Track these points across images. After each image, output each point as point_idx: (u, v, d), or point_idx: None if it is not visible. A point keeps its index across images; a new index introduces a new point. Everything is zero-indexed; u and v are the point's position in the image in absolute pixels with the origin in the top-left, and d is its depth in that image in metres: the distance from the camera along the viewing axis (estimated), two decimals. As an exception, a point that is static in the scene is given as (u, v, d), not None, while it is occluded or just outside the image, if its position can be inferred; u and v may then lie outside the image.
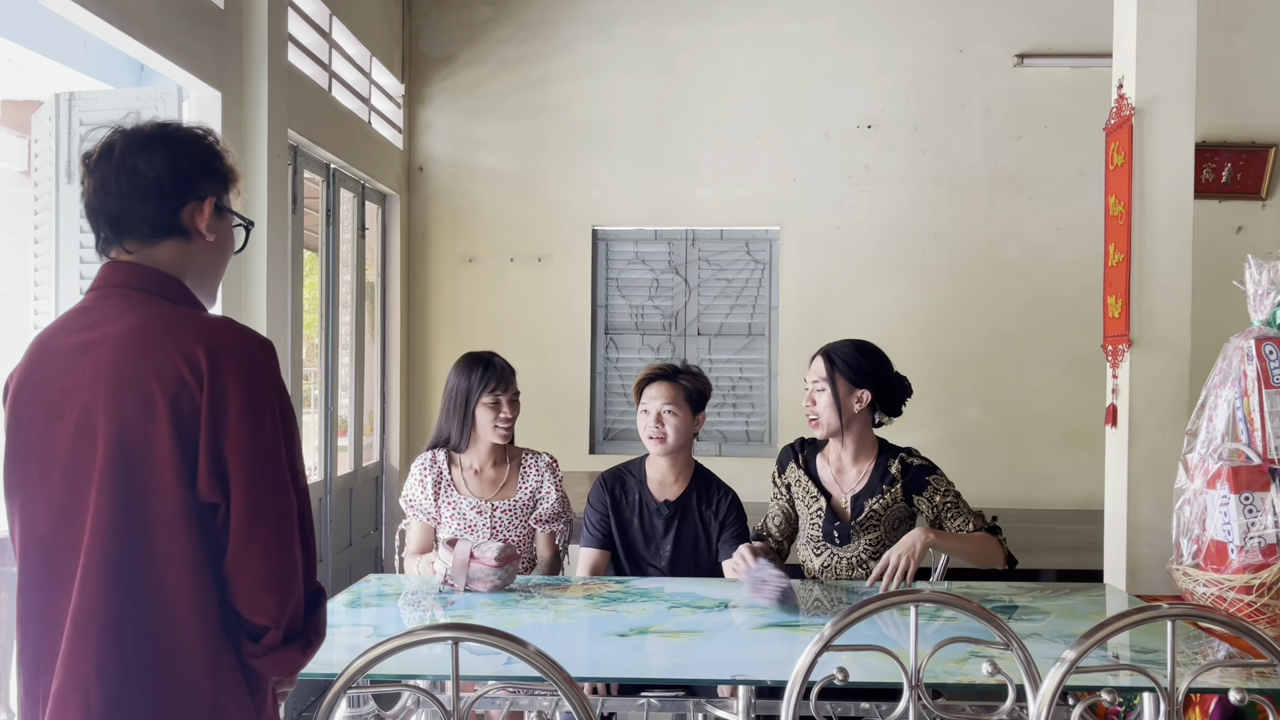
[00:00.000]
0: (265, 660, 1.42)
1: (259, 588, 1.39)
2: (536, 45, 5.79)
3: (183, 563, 1.37)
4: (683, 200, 5.75)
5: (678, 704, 2.51)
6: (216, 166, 1.52)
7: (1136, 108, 3.15)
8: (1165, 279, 3.15)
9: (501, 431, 2.94)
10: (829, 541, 2.78)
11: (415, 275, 5.87)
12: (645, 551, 2.95)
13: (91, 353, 1.41)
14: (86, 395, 1.39)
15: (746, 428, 5.82)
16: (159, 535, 1.37)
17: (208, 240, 1.51)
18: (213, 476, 1.37)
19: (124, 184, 1.46)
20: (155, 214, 1.47)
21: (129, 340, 1.39)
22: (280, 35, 3.82)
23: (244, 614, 1.40)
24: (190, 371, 1.37)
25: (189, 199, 1.48)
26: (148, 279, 1.46)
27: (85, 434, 1.38)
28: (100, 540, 1.36)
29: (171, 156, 1.48)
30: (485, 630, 1.52)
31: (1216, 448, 2.58)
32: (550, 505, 2.97)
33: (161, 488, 1.36)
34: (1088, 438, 5.08)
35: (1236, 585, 2.45)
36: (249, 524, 1.38)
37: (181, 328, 1.41)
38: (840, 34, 5.69)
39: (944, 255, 5.66)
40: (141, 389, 1.37)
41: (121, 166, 1.46)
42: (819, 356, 2.81)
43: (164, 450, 1.36)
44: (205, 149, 1.52)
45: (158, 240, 1.48)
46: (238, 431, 1.37)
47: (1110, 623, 1.61)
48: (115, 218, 1.47)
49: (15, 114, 4.27)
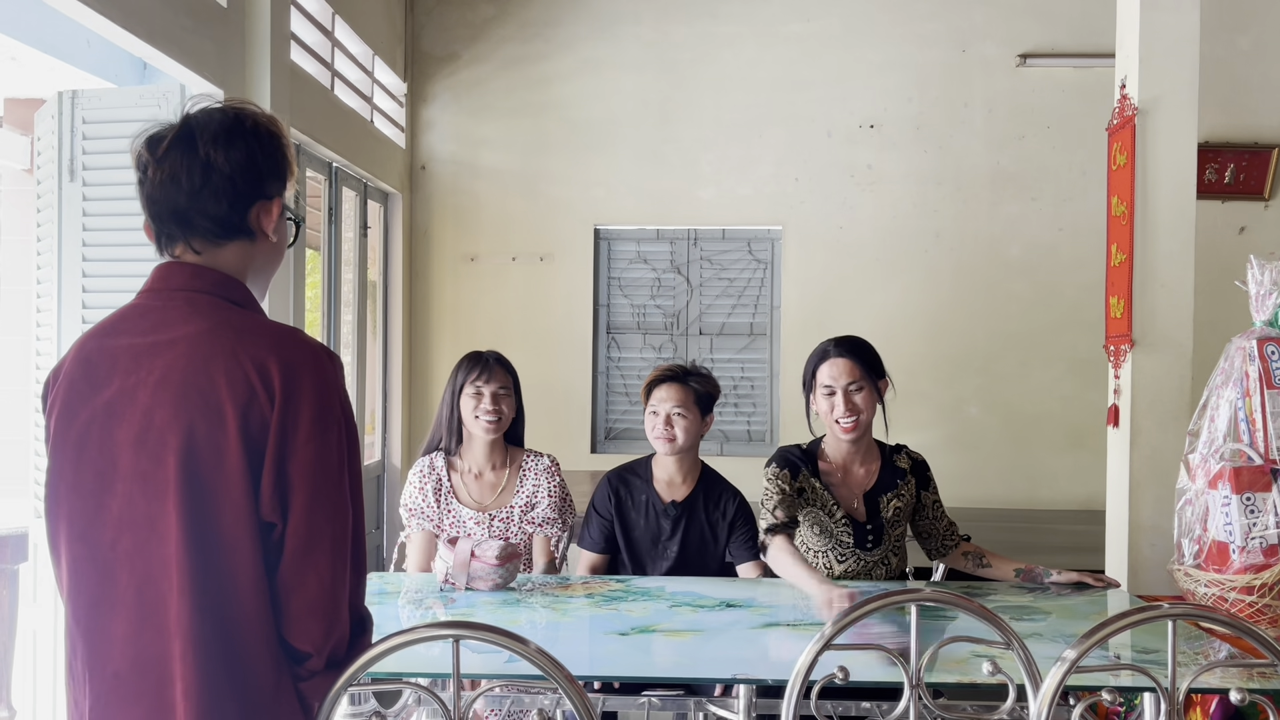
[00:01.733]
0: (307, 685, 1.40)
1: (307, 613, 1.36)
2: (539, 44, 5.79)
3: (251, 580, 1.33)
4: (685, 199, 5.75)
5: (678, 703, 2.51)
6: (284, 163, 1.47)
7: (1139, 108, 3.14)
8: (1168, 279, 3.15)
9: (484, 424, 2.87)
10: (861, 549, 2.74)
11: (417, 274, 5.87)
12: (651, 553, 2.94)
13: (157, 357, 1.35)
14: (149, 400, 1.33)
15: (748, 427, 5.82)
16: (229, 551, 1.32)
17: (271, 241, 1.47)
18: (275, 495, 1.33)
19: (197, 179, 1.39)
20: (227, 213, 1.41)
21: (198, 346, 1.34)
22: (283, 34, 3.82)
23: (288, 637, 1.37)
24: (262, 383, 1.33)
25: (258, 199, 1.43)
26: (213, 282, 1.41)
27: (150, 441, 1.33)
28: (176, 555, 1.31)
29: (248, 153, 1.41)
30: (486, 628, 1.52)
31: (1218, 448, 2.58)
32: (545, 508, 2.92)
33: (231, 502, 1.32)
34: (1090, 438, 5.08)
35: (1238, 586, 2.45)
36: (306, 546, 1.34)
37: (253, 337, 1.36)
38: (843, 33, 5.69)
39: (946, 255, 5.66)
40: (211, 398, 1.32)
41: (196, 159, 1.39)
42: (844, 357, 2.71)
43: (234, 464, 1.32)
44: (277, 145, 1.46)
45: (225, 241, 1.42)
46: (305, 450, 1.33)
47: (1111, 623, 1.60)
48: (183, 213, 1.40)
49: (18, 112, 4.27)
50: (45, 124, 3.38)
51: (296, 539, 1.34)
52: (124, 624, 1.34)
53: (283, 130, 1.49)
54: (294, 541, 1.34)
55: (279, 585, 1.35)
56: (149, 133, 1.43)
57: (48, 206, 3.35)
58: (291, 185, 1.50)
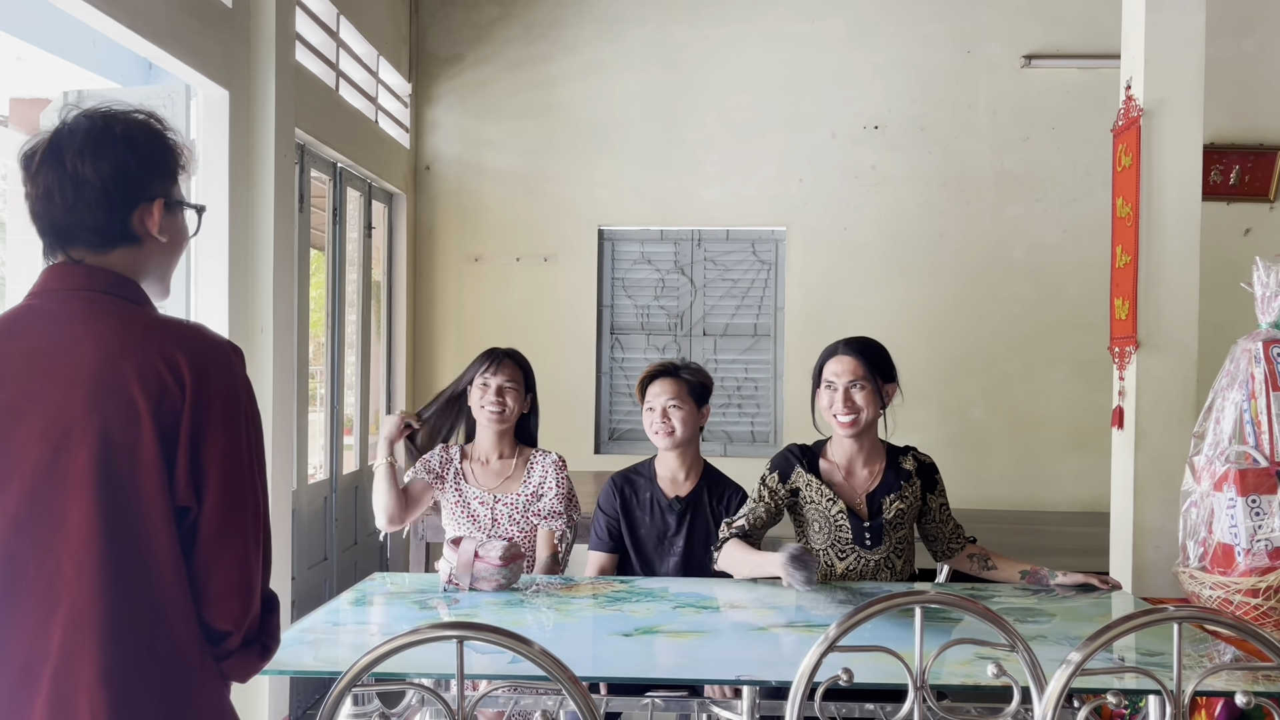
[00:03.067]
0: (226, 664, 1.43)
1: (225, 592, 1.39)
2: (543, 45, 5.80)
3: (169, 565, 1.37)
4: (689, 200, 5.75)
5: (682, 704, 2.51)
6: (163, 161, 1.46)
7: (1144, 109, 3.14)
8: (1172, 281, 3.14)
9: (488, 414, 2.95)
10: (858, 544, 2.75)
11: (421, 274, 5.88)
12: (657, 549, 2.95)
13: (60, 355, 1.36)
14: (57, 398, 1.35)
15: (752, 428, 5.82)
16: (145, 539, 1.36)
17: (160, 241, 1.46)
18: (190, 480, 1.37)
19: (70, 194, 1.39)
20: (105, 223, 1.41)
21: (105, 343, 1.36)
22: (288, 34, 3.82)
23: (207, 618, 1.40)
24: (173, 377, 1.36)
25: (138, 203, 1.43)
26: (109, 282, 1.42)
27: (57, 439, 1.34)
28: (89, 546, 1.34)
29: (117, 160, 1.40)
30: (490, 629, 1.52)
31: (1223, 450, 2.57)
32: (551, 500, 2.97)
33: (147, 491, 1.35)
34: (1094, 440, 5.08)
35: (1243, 588, 2.45)
36: (221, 528, 1.38)
37: (159, 332, 1.39)
38: (847, 35, 5.69)
39: (950, 256, 5.65)
40: (124, 393, 1.34)
41: (65, 174, 1.39)
42: (849, 355, 2.74)
43: (149, 454, 1.35)
44: (150, 143, 1.44)
45: (108, 249, 1.42)
46: (217, 437, 1.37)
47: (1116, 625, 1.60)
48: (62, 228, 1.41)
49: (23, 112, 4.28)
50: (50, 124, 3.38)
51: (212, 521, 1.38)
52: (30, 616, 1.35)
53: (161, 126, 1.47)
54: (210, 524, 1.38)
55: (197, 567, 1.39)
56: (24, 146, 1.43)
57: (53, 206, 3.35)
58: (183, 177, 1.49)
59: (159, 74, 3.51)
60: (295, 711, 4.09)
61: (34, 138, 1.44)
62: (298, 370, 4.15)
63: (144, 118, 1.46)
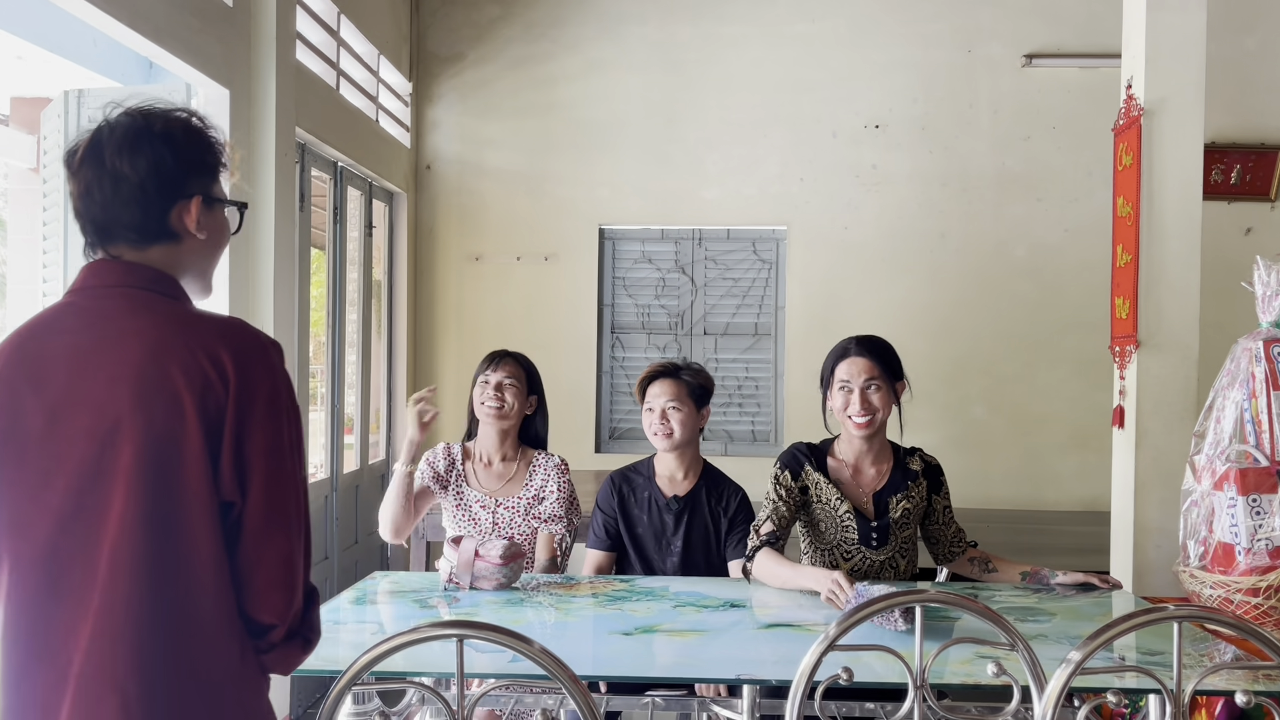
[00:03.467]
0: (269, 656, 1.44)
1: (270, 586, 1.40)
2: (544, 44, 5.80)
3: (209, 561, 1.37)
4: (690, 200, 5.75)
5: (682, 703, 2.51)
6: (202, 158, 1.47)
7: (1145, 108, 3.14)
8: (1173, 280, 3.14)
9: (488, 410, 2.95)
10: (866, 545, 2.73)
11: (422, 273, 5.88)
12: (656, 549, 2.94)
13: (104, 352, 1.37)
14: (102, 395, 1.36)
15: (752, 427, 5.82)
16: (187, 534, 1.36)
17: (198, 239, 1.47)
18: (234, 475, 1.37)
19: (108, 190, 1.41)
20: (142, 220, 1.42)
21: (147, 339, 1.37)
22: (289, 33, 3.82)
23: (250, 612, 1.40)
24: (215, 372, 1.36)
25: (175, 200, 1.44)
26: (149, 278, 1.43)
27: (103, 435, 1.35)
28: (128, 541, 1.34)
29: (154, 157, 1.41)
30: (490, 628, 1.52)
31: (1224, 449, 2.57)
32: (552, 504, 2.97)
33: (190, 487, 1.36)
34: (1095, 439, 5.08)
35: (1243, 587, 2.45)
36: (265, 522, 1.39)
37: (201, 328, 1.40)
38: (848, 34, 5.69)
39: (951, 256, 5.65)
40: (168, 389, 1.35)
41: (105, 171, 1.41)
42: (862, 356, 2.72)
43: (193, 449, 1.35)
44: (189, 140, 1.45)
45: (146, 245, 1.44)
46: (260, 432, 1.38)
47: (1116, 624, 1.60)
48: (101, 225, 1.43)
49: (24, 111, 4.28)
50: (51, 123, 3.38)
51: (256, 516, 1.39)
52: (69, 613, 1.36)
53: (202, 124, 1.48)
54: (254, 519, 1.39)
55: (240, 562, 1.39)
56: (69, 145, 1.46)
57: (53, 206, 3.36)
58: (226, 176, 1.50)
59: (160, 73, 3.52)
60: (296, 710, 4.09)
61: (78, 136, 1.45)
62: (298, 369, 4.15)
63: (185, 115, 1.47)
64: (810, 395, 2.86)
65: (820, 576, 2.43)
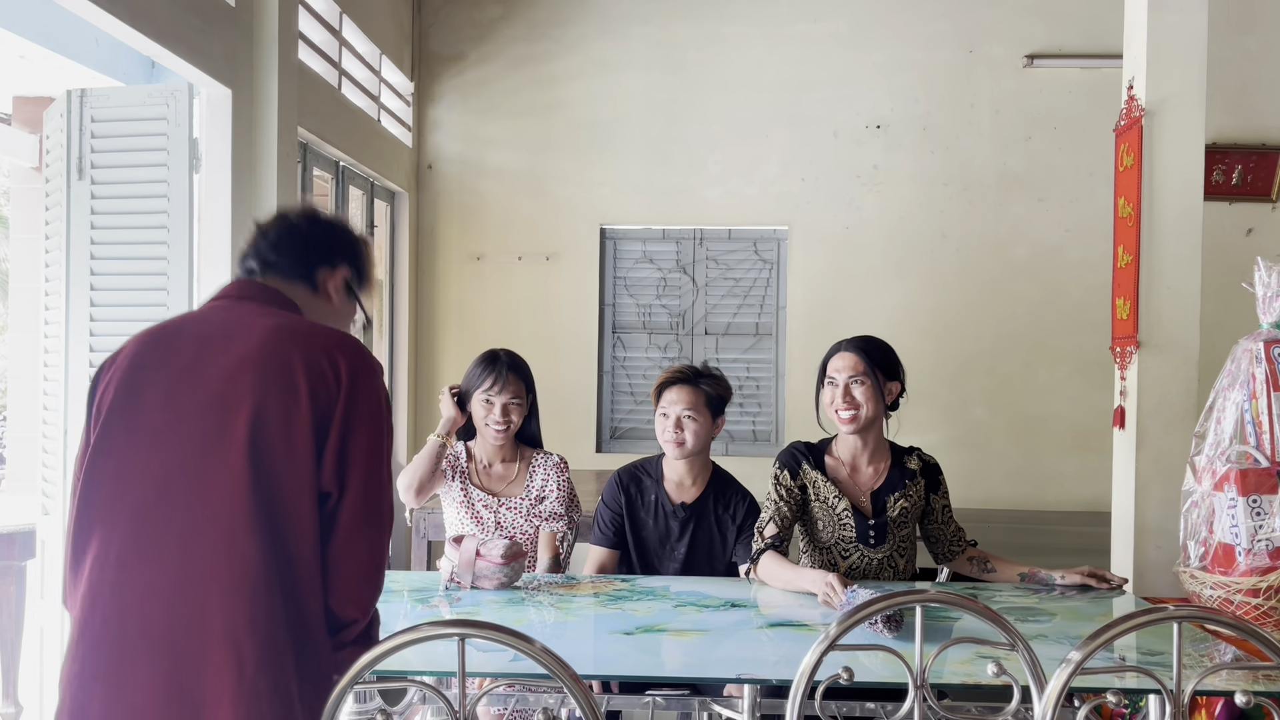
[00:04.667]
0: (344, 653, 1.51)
1: (357, 579, 1.48)
2: (546, 44, 5.80)
3: (309, 536, 1.46)
4: (691, 199, 5.75)
5: (683, 702, 2.51)
6: (358, 253, 1.76)
7: (1146, 109, 3.14)
8: (1174, 281, 3.14)
9: (493, 432, 2.92)
10: (863, 543, 2.74)
11: (423, 273, 5.88)
12: (659, 553, 2.94)
13: (234, 342, 1.52)
14: (226, 374, 1.49)
15: (753, 427, 5.82)
16: (290, 506, 1.46)
17: (331, 301, 1.71)
18: (336, 466, 1.47)
19: (283, 235, 1.69)
20: (297, 262, 1.68)
21: (275, 334, 1.52)
22: (290, 33, 3.83)
23: (334, 605, 1.48)
24: (332, 371, 1.50)
25: (326, 263, 1.71)
26: (281, 298, 1.64)
27: (219, 405, 1.47)
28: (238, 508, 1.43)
29: (328, 228, 1.74)
30: (491, 627, 1.52)
31: (1224, 450, 2.58)
32: (552, 503, 2.97)
33: (296, 466, 1.46)
34: (1096, 439, 5.08)
35: (1244, 588, 2.45)
36: (360, 518, 1.48)
37: (323, 335, 1.56)
38: (849, 34, 5.69)
39: (952, 256, 5.65)
40: (287, 373, 1.49)
41: (285, 224, 1.71)
42: (850, 352, 2.76)
43: (303, 431, 1.47)
44: (354, 239, 1.76)
45: (292, 281, 1.67)
46: (364, 431, 1.50)
47: (1116, 624, 1.60)
48: (265, 256, 1.67)
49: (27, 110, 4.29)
50: (54, 122, 3.39)
51: (353, 510, 1.48)
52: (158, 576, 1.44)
53: (368, 245, 1.79)
54: (349, 513, 1.48)
55: (331, 554, 1.47)
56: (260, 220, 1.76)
57: (56, 205, 3.36)
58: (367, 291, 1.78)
59: (162, 72, 3.52)
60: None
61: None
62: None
63: (359, 232, 1.81)
64: (811, 395, 2.87)
65: (817, 578, 2.47)
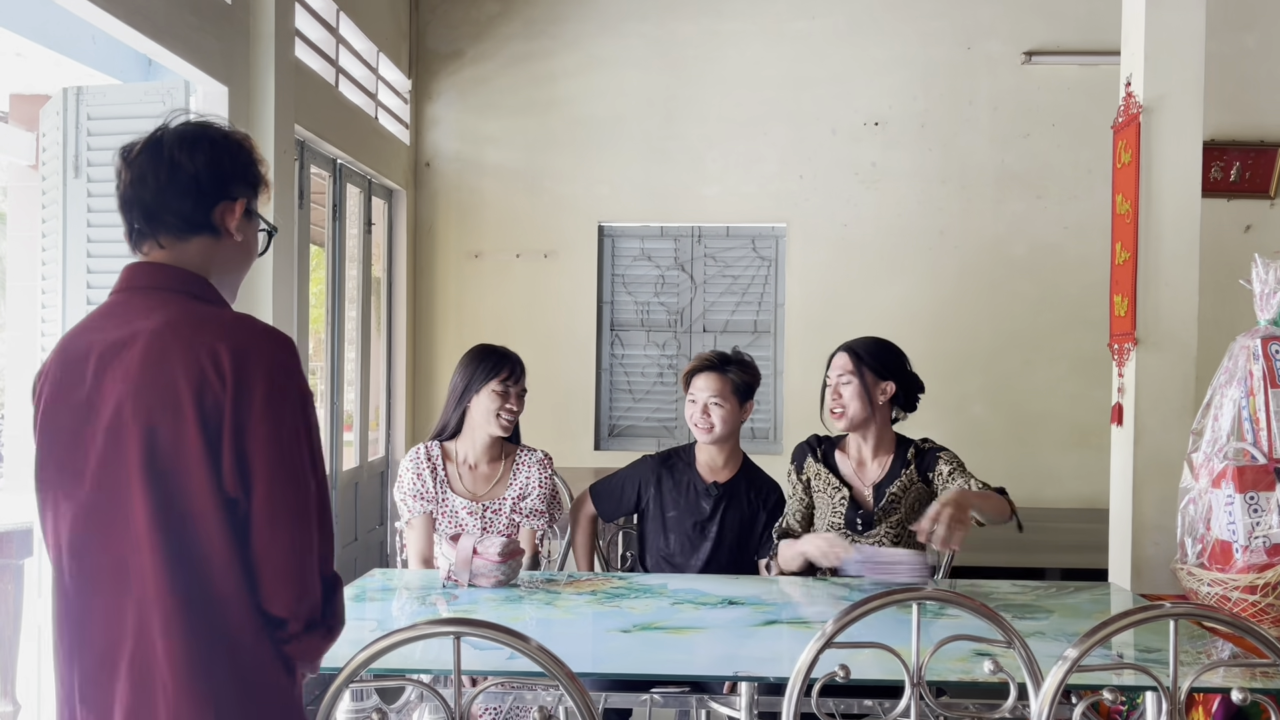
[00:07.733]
0: (290, 649, 1.47)
1: (278, 580, 1.43)
2: (544, 41, 5.79)
3: (224, 555, 1.41)
4: (689, 197, 5.75)
5: (680, 700, 2.51)
6: (252, 171, 1.57)
7: (1144, 106, 3.14)
8: (1172, 278, 3.14)
9: (503, 423, 2.91)
10: (851, 529, 2.80)
11: (421, 271, 5.88)
12: (691, 535, 2.95)
13: (120, 353, 1.43)
14: (118, 394, 1.42)
15: (752, 424, 5.82)
16: (200, 530, 1.41)
17: (235, 240, 1.55)
18: (236, 472, 1.41)
19: (163, 177, 1.49)
20: (191, 209, 1.50)
21: (155, 340, 1.43)
22: (287, 30, 3.82)
23: (265, 606, 1.44)
24: (214, 370, 1.40)
25: (222, 198, 1.53)
26: (174, 278, 1.50)
27: (117, 433, 1.41)
28: (148, 536, 1.40)
29: (212, 155, 1.52)
30: (488, 625, 1.52)
31: (1222, 447, 2.57)
32: (534, 499, 2.94)
33: (194, 484, 1.40)
34: (1094, 436, 5.07)
35: (1241, 585, 2.45)
36: (270, 518, 1.42)
37: (207, 327, 1.44)
38: (848, 31, 5.68)
39: (951, 253, 5.65)
40: (169, 389, 1.40)
41: (162, 160, 1.50)
42: (841, 353, 2.85)
43: (193, 448, 1.40)
44: (244, 153, 1.57)
45: (189, 236, 1.51)
46: (260, 428, 1.41)
47: (1113, 621, 1.60)
48: (150, 210, 1.50)
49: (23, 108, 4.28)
50: (50, 120, 3.38)
51: (262, 512, 1.42)
52: (104, 603, 1.43)
53: (253, 145, 1.59)
54: (260, 515, 1.42)
55: (253, 557, 1.43)
56: (125, 144, 1.55)
57: (52, 203, 3.36)
58: (263, 196, 1.61)
59: (158, 70, 3.51)
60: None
61: (134, 137, 1.55)
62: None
63: (241, 134, 1.60)
64: (810, 393, 2.92)
65: (818, 541, 2.67)
